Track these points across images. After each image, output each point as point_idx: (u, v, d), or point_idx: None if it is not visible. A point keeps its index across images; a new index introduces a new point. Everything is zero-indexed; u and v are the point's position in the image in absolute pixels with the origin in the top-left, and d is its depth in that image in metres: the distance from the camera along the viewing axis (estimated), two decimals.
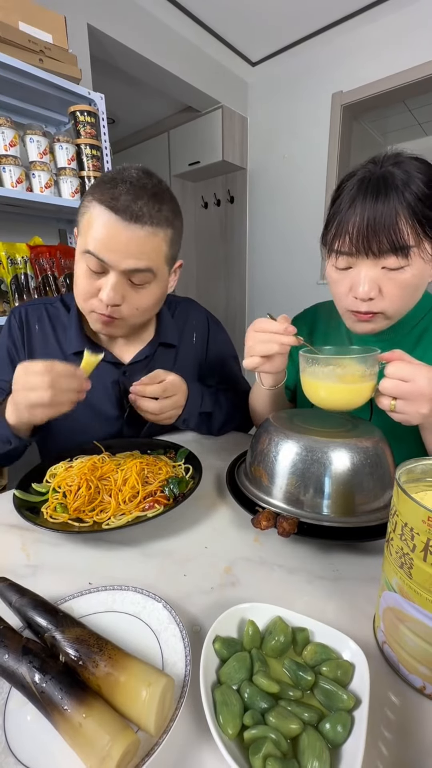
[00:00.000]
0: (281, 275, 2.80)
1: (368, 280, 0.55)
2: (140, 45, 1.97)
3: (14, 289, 1.35)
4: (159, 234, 0.63)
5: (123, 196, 0.59)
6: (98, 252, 0.60)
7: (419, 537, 0.27)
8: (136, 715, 0.27)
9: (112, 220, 0.59)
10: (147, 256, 0.63)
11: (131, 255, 0.61)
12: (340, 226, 0.55)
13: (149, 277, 0.65)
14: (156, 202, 0.61)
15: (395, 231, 0.51)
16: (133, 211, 0.59)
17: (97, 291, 0.64)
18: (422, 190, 0.51)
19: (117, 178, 0.60)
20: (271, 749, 0.25)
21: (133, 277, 0.64)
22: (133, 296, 0.66)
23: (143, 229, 0.60)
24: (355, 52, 2.19)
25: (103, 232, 0.60)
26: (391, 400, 0.47)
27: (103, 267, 0.62)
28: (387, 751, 0.27)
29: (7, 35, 1.20)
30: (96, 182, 0.63)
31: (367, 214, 0.52)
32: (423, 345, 0.64)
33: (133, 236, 0.60)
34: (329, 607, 0.39)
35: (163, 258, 0.66)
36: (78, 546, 0.49)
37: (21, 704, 0.29)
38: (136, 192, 0.60)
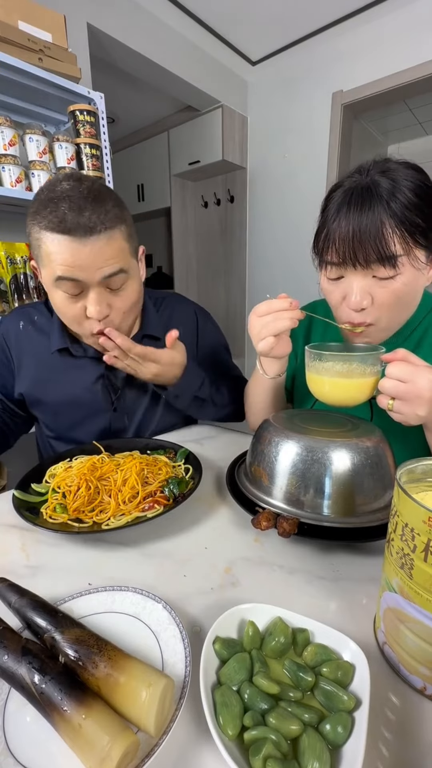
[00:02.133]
0: (281, 275, 2.79)
1: (359, 290, 0.55)
2: (140, 44, 1.97)
3: (14, 289, 1.35)
4: (116, 234, 0.63)
5: (68, 214, 0.58)
6: (70, 274, 0.61)
7: (420, 537, 0.27)
8: (136, 715, 0.27)
9: (68, 241, 0.59)
10: (114, 259, 0.63)
11: (100, 265, 0.62)
12: (328, 237, 0.55)
13: (124, 277, 0.66)
14: (99, 205, 0.60)
15: (381, 241, 0.50)
16: (84, 225, 0.58)
17: (83, 311, 0.66)
18: (409, 198, 0.51)
19: (54, 198, 0.59)
20: (271, 750, 0.25)
21: (110, 283, 0.65)
22: (116, 301, 0.68)
23: (100, 237, 0.60)
24: (355, 51, 2.19)
25: (66, 256, 0.60)
26: (389, 400, 0.48)
27: (80, 287, 0.63)
28: (387, 751, 0.27)
29: (6, 34, 1.19)
30: (34, 208, 0.61)
31: (352, 226, 0.51)
32: (423, 348, 0.64)
33: (94, 248, 0.60)
34: (329, 607, 0.39)
35: (128, 254, 0.67)
36: (77, 546, 0.49)
37: (21, 705, 0.29)
38: (78, 204, 0.59)
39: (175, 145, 2.90)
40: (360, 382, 0.51)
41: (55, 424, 0.83)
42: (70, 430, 0.82)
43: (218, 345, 0.95)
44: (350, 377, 0.52)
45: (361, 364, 0.51)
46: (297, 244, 2.63)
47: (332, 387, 0.53)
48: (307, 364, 0.56)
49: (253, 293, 3.01)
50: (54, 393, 0.79)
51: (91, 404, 0.79)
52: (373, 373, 0.51)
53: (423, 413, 0.46)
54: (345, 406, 0.55)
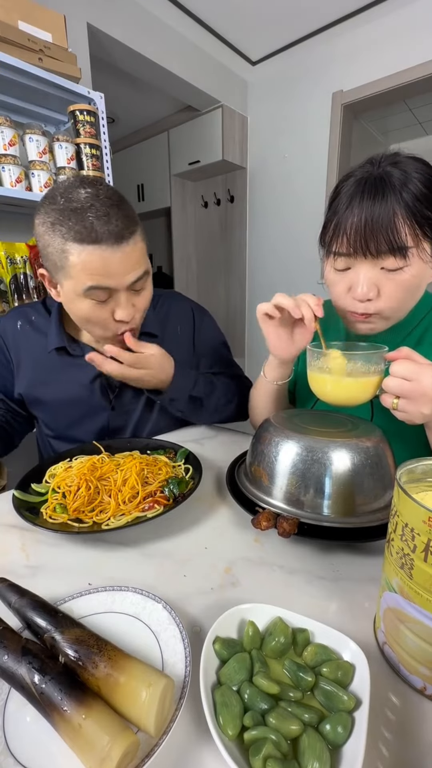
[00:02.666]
0: (281, 275, 2.79)
1: (367, 280, 0.54)
2: (140, 44, 1.97)
3: (13, 288, 1.35)
4: (137, 237, 0.64)
5: (95, 223, 0.57)
6: (102, 283, 0.61)
7: (420, 537, 0.27)
8: (136, 715, 0.27)
9: (100, 251, 0.59)
10: (140, 263, 0.65)
11: (129, 270, 0.63)
12: (338, 227, 0.55)
13: (146, 278, 0.68)
14: (119, 210, 0.60)
15: (393, 231, 0.51)
16: (114, 232, 0.59)
17: (111, 315, 0.66)
18: (420, 189, 0.51)
19: (77, 208, 0.58)
20: (271, 750, 0.25)
21: (135, 285, 0.66)
22: (139, 301, 0.69)
23: (128, 243, 0.61)
24: (355, 51, 2.18)
25: (98, 266, 0.60)
26: (394, 399, 0.47)
27: (109, 293, 0.63)
28: (387, 751, 0.27)
29: (6, 34, 1.19)
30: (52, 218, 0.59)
31: (365, 215, 0.51)
32: (424, 346, 0.64)
33: (124, 255, 0.61)
34: (329, 607, 0.39)
35: (146, 254, 0.68)
36: (77, 546, 0.49)
37: (21, 705, 0.29)
38: (105, 213, 0.58)
39: (175, 145, 2.90)
40: (363, 381, 0.51)
41: (55, 423, 0.84)
42: (68, 428, 0.82)
43: (216, 341, 0.95)
44: (353, 376, 0.51)
45: (364, 363, 0.50)
46: (297, 243, 2.63)
47: (335, 386, 0.53)
48: (309, 363, 0.56)
49: (253, 293, 3.01)
50: (52, 392, 0.79)
51: (89, 403, 0.80)
52: (377, 371, 0.51)
53: (428, 411, 0.46)
54: (348, 405, 0.54)
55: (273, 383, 0.68)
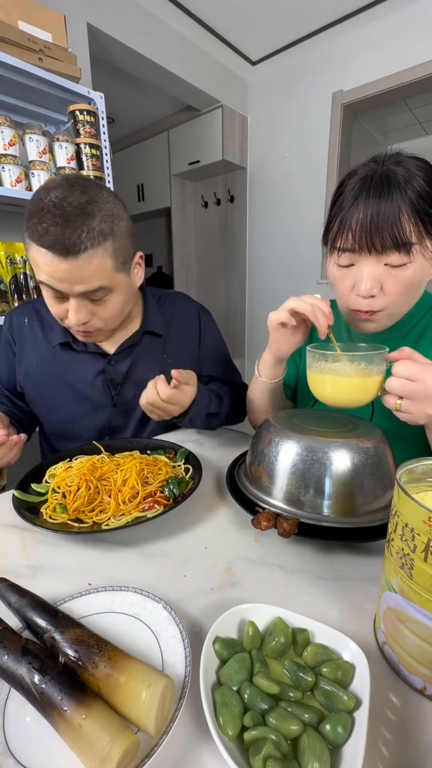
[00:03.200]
0: (281, 275, 2.79)
1: (370, 277, 0.55)
2: (140, 44, 1.97)
3: (13, 288, 1.35)
4: (98, 253, 0.61)
5: (51, 229, 0.57)
6: (51, 284, 0.62)
7: (420, 537, 0.27)
8: (136, 716, 0.27)
9: (48, 257, 0.59)
10: (94, 278, 0.63)
11: (78, 282, 0.62)
12: (343, 223, 0.55)
13: (105, 292, 0.66)
14: (85, 221, 0.58)
15: (398, 227, 0.51)
16: (64, 244, 0.57)
17: (65, 312, 0.67)
18: (423, 187, 0.52)
19: (40, 210, 0.58)
20: (271, 750, 0.25)
21: (90, 296, 0.65)
22: (98, 310, 0.68)
23: (79, 257, 0.59)
24: (355, 51, 2.18)
25: (45, 268, 0.61)
26: (397, 400, 0.47)
27: (61, 294, 0.64)
28: (387, 751, 0.27)
29: (6, 34, 1.19)
30: (27, 213, 0.60)
31: (371, 211, 0.52)
32: (423, 344, 0.64)
33: (72, 267, 0.60)
34: (329, 607, 0.39)
35: (111, 271, 0.65)
36: (77, 546, 0.49)
37: (20, 705, 0.29)
38: (62, 220, 0.57)
39: (175, 145, 2.90)
40: (365, 382, 0.50)
41: (57, 420, 0.83)
42: (71, 426, 0.82)
43: (220, 345, 0.96)
44: (355, 377, 0.50)
45: (367, 364, 0.50)
46: (297, 243, 2.63)
47: (335, 388, 0.52)
48: (308, 365, 0.55)
49: (253, 293, 3.01)
50: (56, 387, 0.80)
51: (91, 399, 0.80)
52: (379, 372, 0.50)
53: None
54: (349, 407, 0.54)
55: (269, 381, 0.68)
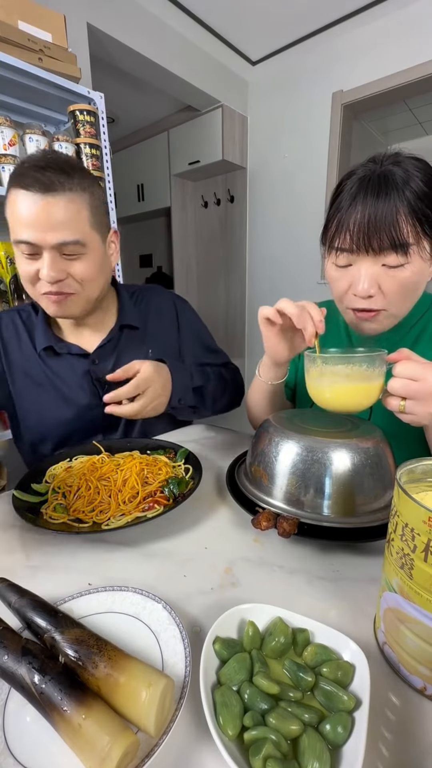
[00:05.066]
0: (281, 275, 2.79)
1: (368, 277, 0.55)
2: (140, 44, 1.97)
3: (13, 288, 1.35)
4: (76, 200, 0.64)
5: (30, 172, 0.61)
6: (23, 236, 0.63)
7: (420, 537, 0.27)
8: (136, 716, 0.27)
9: (26, 196, 0.62)
10: (71, 225, 0.64)
11: (54, 227, 0.63)
12: (341, 223, 0.55)
13: (80, 248, 0.67)
14: (64, 171, 0.63)
15: (395, 228, 0.51)
16: (42, 182, 0.61)
17: (37, 273, 0.67)
18: (421, 188, 0.52)
19: (25, 163, 0.63)
20: (271, 750, 0.25)
21: (65, 249, 0.66)
22: (72, 268, 0.68)
23: (56, 196, 0.62)
24: (355, 51, 2.19)
25: (22, 211, 0.62)
26: (400, 401, 0.46)
27: (35, 249, 0.64)
28: (387, 752, 0.27)
29: (6, 34, 1.19)
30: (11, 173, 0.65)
31: (368, 212, 0.52)
32: (421, 345, 0.64)
33: (47, 205, 0.62)
34: (329, 607, 0.39)
35: (87, 225, 0.67)
36: (77, 546, 0.49)
37: (20, 705, 0.29)
38: (42, 166, 0.62)
39: (175, 145, 2.90)
40: (366, 386, 0.49)
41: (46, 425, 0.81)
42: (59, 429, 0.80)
43: (199, 327, 0.96)
44: (355, 381, 0.49)
45: (366, 367, 0.48)
46: (297, 243, 2.63)
47: (335, 393, 0.50)
48: (306, 370, 0.54)
49: (253, 293, 3.01)
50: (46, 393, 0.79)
51: (80, 400, 0.79)
52: (379, 375, 0.49)
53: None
54: (350, 412, 0.52)
55: (268, 383, 0.68)
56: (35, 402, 0.80)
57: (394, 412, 0.47)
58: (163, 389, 0.70)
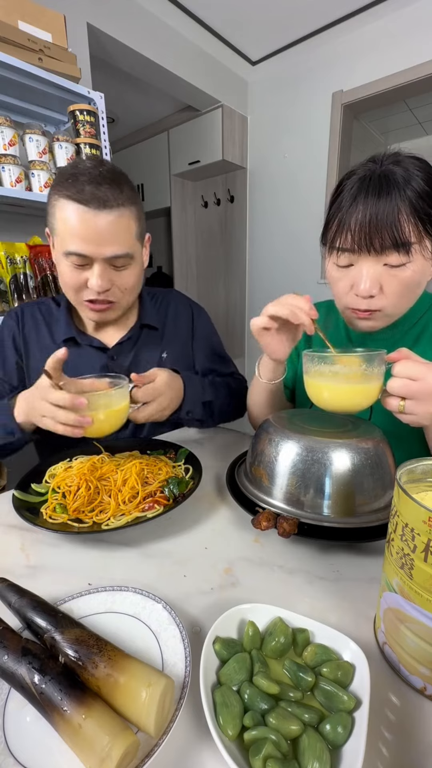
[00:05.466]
0: (281, 275, 2.79)
1: (369, 277, 0.55)
2: (140, 44, 1.97)
3: (13, 288, 1.35)
4: (125, 213, 0.67)
5: (86, 186, 0.63)
6: (78, 249, 0.65)
7: (420, 537, 0.27)
8: (136, 716, 0.27)
9: (83, 211, 0.63)
10: (122, 239, 0.68)
11: (108, 242, 0.66)
12: (342, 223, 0.55)
13: (128, 260, 0.71)
14: (116, 185, 0.66)
15: (397, 227, 0.51)
16: (99, 198, 0.63)
17: (85, 282, 0.69)
18: (422, 187, 0.52)
19: (75, 173, 0.65)
20: (271, 750, 0.25)
21: (115, 262, 0.69)
22: (118, 279, 0.71)
23: (111, 212, 0.65)
24: (355, 51, 2.18)
25: (78, 225, 0.64)
26: (400, 401, 0.46)
27: (86, 260, 0.66)
28: (387, 752, 0.27)
29: (6, 34, 1.19)
30: (57, 179, 0.66)
31: (370, 211, 0.52)
32: (422, 344, 0.64)
33: (104, 222, 0.65)
34: (329, 607, 0.39)
35: (134, 237, 0.71)
36: (77, 546, 0.49)
37: (20, 705, 0.29)
38: (97, 180, 0.64)
39: (174, 145, 2.90)
40: (365, 386, 0.48)
41: None
42: None
43: (212, 337, 0.98)
44: (354, 382, 0.49)
45: (366, 367, 0.48)
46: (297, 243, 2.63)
47: (334, 393, 0.50)
48: (306, 370, 0.53)
49: (253, 293, 3.01)
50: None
51: None
52: (379, 375, 0.48)
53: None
54: (349, 412, 0.52)
55: (268, 383, 0.68)
56: None
57: (393, 412, 0.47)
58: (170, 402, 0.71)
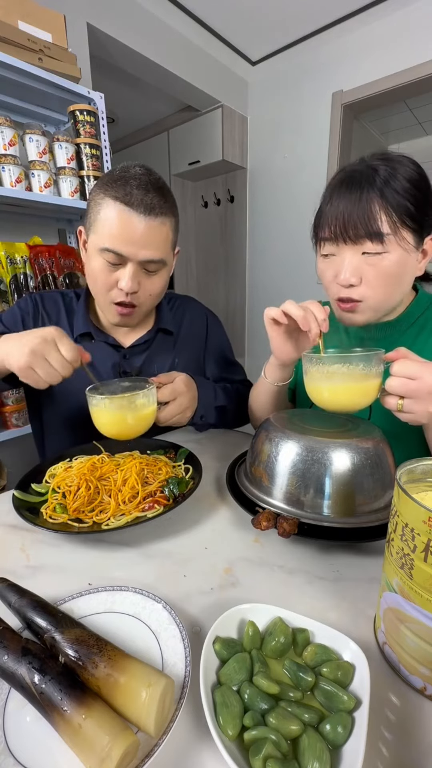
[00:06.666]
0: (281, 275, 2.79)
1: (350, 266, 0.58)
2: (140, 44, 1.97)
3: (13, 288, 1.35)
4: (167, 223, 0.69)
5: (135, 191, 0.65)
6: (116, 247, 0.66)
7: (420, 537, 0.27)
8: (136, 716, 0.27)
9: (129, 213, 0.65)
10: (160, 246, 0.69)
11: (147, 245, 0.67)
12: (322, 215, 0.60)
13: (160, 266, 0.72)
14: (162, 194, 0.68)
15: (369, 218, 0.54)
16: (146, 204, 0.65)
17: (115, 282, 0.70)
18: (402, 184, 0.54)
19: (125, 176, 0.66)
20: (271, 750, 0.25)
21: (148, 266, 0.70)
22: (147, 283, 0.72)
23: (156, 219, 0.67)
24: (355, 51, 2.18)
25: (121, 226, 0.65)
26: (398, 400, 0.46)
27: (120, 259, 0.67)
28: (387, 752, 0.27)
29: (6, 34, 1.19)
30: (105, 180, 0.68)
31: (345, 202, 0.56)
32: (420, 343, 0.64)
33: (147, 227, 0.66)
34: (329, 607, 0.39)
35: (170, 245, 0.73)
36: (77, 546, 0.49)
37: (20, 705, 0.29)
38: (146, 186, 0.66)
39: (174, 145, 2.90)
40: (364, 385, 0.49)
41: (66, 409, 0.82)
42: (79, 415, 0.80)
43: (225, 347, 0.99)
44: (353, 381, 0.49)
45: (364, 366, 0.49)
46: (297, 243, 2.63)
47: (334, 393, 0.51)
48: (305, 371, 0.54)
49: (253, 293, 3.01)
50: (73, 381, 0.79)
51: None
52: (377, 374, 0.49)
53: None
54: (348, 411, 0.53)
55: (274, 384, 0.69)
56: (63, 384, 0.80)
57: (392, 410, 0.48)
58: (190, 403, 0.73)
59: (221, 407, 0.81)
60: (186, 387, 0.72)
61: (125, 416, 0.58)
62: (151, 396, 0.62)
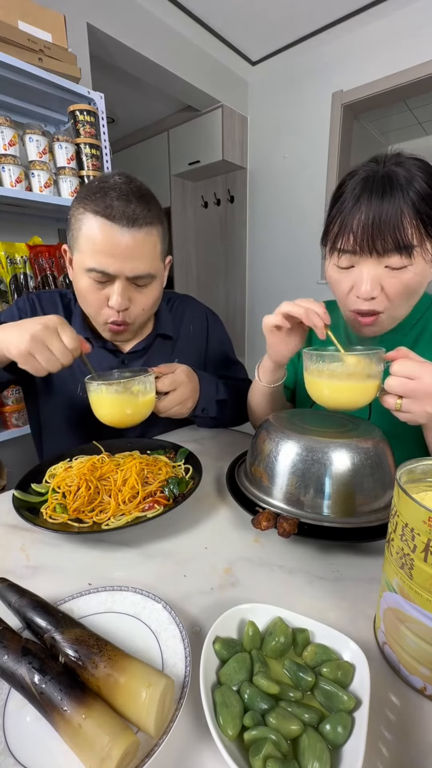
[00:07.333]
0: (281, 275, 2.79)
1: (371, 278, 0.54)
2: (140, 44, 1.97)
3: (13, 288, 1.35)
4: (153, 232, 0.66)
5: (115, 202, 0.61)
6: (102, 266, 0.63)
7: (420, 537, 0.27)
8: (136, 716, 0.27)
9: (111, 227, 0.62)
10: (147, 258, 0.66)
11: (133, 259, 0.64)
12: (344, 224, 0.54)
13: (150, 279, 0.70)
14: (145, 202, 0.64)
15: (400, 230, 0.51)
16: (129, 215, 0.62)
17: (105, 299, 0.68)
18: (424, 188, 0.51)
19: (104, 187, 0.63)
20: (271, 750, 0.25)
21: (137, 281, 0.67)
22: (138, 298, 0.70)
23: (141, 230, 0.64)
24: (355, 51, 2.19)
25: (104, 242, 0.62)
26: (397, 399, 0.46)
27: (108, 277, 0.65)
28: (387, 752, 0.27)
29: (6, 34, 1.19)
30: (84, 193, 0.64)
31: (373, 213, 0.52)
32: (421, 345, 0.64)
33: (132, 240, 0.63)
34: (329, 607, 0.39)
35: (159, 255, 0.70)
36: (77, 546, 0.49)
37: (20, 705, 0.29)
38: (127, 196, 0.62)
39: (174, 145, 2.90)
40: (363, 384, 0.49)
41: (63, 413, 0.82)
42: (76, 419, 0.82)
43: (226, 347, 0.98)
44: (352, 379, 0.50)
45: (362, 365, 0.49)
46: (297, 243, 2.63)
47: (333, 391, 0.51)
48: (305, 368, 0.54)
49: (253, 293, 3.01)
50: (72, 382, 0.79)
51: None
52: (377, 373, 0.49)
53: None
54: (348, 409, 0.53)
55: (269, 386, 0.69)
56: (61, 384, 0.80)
57: (391, 410, 0.48)
58: (191, 394, 0.73)
59: (223, 401, 0.81)
60: (187, 378, 0.72)
61: (123, 402, 0.58)
62: (148, 383, 0.61)
